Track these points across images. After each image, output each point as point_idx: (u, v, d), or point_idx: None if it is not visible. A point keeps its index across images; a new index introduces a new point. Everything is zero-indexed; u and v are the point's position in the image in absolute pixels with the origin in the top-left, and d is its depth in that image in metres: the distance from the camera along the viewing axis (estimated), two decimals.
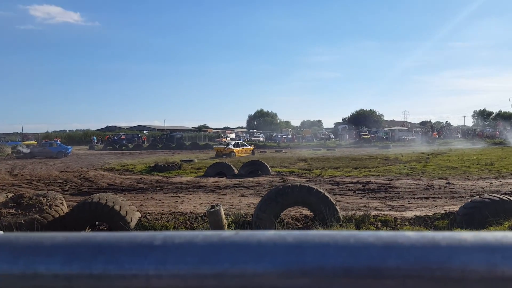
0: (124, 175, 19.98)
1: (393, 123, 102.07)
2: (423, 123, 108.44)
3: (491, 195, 6.75)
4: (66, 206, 7.89)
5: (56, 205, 7.22)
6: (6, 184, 16.56)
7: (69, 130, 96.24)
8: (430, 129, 70.93)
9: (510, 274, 0.39)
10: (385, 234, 0.41)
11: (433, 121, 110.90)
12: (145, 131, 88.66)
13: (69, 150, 36.84)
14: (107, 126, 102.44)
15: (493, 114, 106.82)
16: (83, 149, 49.96)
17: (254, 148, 36.40)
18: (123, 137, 60.29)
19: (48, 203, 7.15)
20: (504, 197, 6.52)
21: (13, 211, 6.81)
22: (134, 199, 12.44)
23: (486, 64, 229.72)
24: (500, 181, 14.62)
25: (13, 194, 8.09)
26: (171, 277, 0.40)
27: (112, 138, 61.23)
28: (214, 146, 37.93)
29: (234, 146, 33.47)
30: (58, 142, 39.69)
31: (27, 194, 7.80)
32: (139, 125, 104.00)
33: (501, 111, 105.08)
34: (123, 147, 50.40)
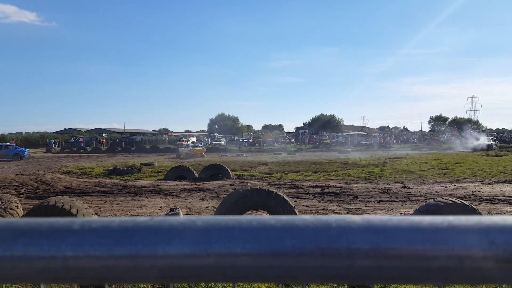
0: (82, 178, 19.39)
1: (352, 128, 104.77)
2: (382, 128, 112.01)
3: (445, 199, 7.06)
4: (21, 209, 7.59)
5: (11, 208, 6.92)
6: None
7: (25, 133, 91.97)
8: (388, 133, 73.46)
9: (391, 252, 0.46)
10: (285, 217, 0.47)
11: (391, 126, 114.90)
12: (104, 134, 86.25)
13: (25, 152, 35.35)
14: (65, 129, 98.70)
15: (449, 120, 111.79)
16: (40, 152, 47.90)
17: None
18: (81, 140, 58.49)
19: (2, 206, 6.85)
20: (458, 201, 6.83)
21: None
22: (92, 203, 12.10)
23: (442, 71, 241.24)
24: (454, 185, 15.34)
25: None
26: (88, 258, 0.43)
27: (70, 141, 59.13)
28: (180, 149, 39.44)
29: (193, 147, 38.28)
30: (14, 144, 37.82)
31: None
32: (98, 128, 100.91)
33: (456, 116, 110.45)
34: (81, 150, 48.85)
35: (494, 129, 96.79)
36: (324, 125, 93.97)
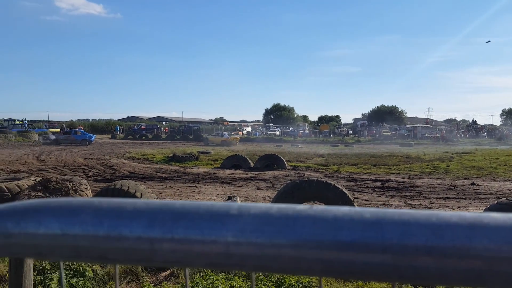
0: (144, 164, 20.28)
1: (416, 120, 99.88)
2: (448, 121, 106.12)
3: None
4: (90, 191, 8.10)
5: (81, 190, 7.40)
6: (34, 168, 17.01)
7: (92, 119, 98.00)
8: (455, 127, 69.25)
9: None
10: (469, 214, 0.42)
11: (458, 119, 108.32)
12: (163, 122, 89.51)
13: (92, 138, 37.62)
14: (128, 116, 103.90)
15: None
16: (106, 138, 50.87)
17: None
18: (143, 127, 61.18)
19: (73, 188, 7.34)
20: None
21: (41, 194, 7.02)
22: (154, 187, 12.62)
23: None
24: None
25: (41, 178, 8.33)
26: (249, 245, 0.41)
27: (133, 128, 62.13)
28: (209, 137, 42.17)
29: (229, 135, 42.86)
30: (82, 130, 40.44)
31: (54, 178, 8.01)
32: (158, 116, 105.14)
33: None
34: (143, 137, 51.16)
35: None
36: (384, 116, 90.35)
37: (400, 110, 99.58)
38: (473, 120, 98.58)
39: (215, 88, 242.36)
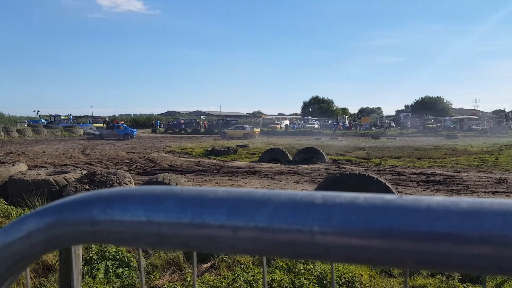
0: (184, 157, 20.71)
1: (462, 111, 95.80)
2: (496, 112, 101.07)
3: None
4: (133, 184, 8.36)
5: (125, 183, 7.66)
6: (79, 162, 17.80)
7: (134, 114, 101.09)
8: (504, 118, 65.73)
9: None
10: None
11: (507, 110, 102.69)
12: (202, 116, 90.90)
13: (134, 132, 38.83)
14: (168, 111, 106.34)
15: None
16: (147, 132, 52.39)
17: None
18: (182, 121, 62.40)
19: (118, 181, 7.60)
20: None
21: (87, 186, 7.33)
22: (194, 181, 12.87)
23: None
24: None
25: (87, 172, 8.69)
26: (336, 235, 0.40)
27: (172, 122, 63.53)
28: (227, 131, 41.43)
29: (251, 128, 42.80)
30: (124, 125, 41.80)
31: (99, 171, 8.34)
32: (197, 110, 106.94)
33: None
34: (182, 131, 52.25)
35: None
36: (429, 108, 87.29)
37: (445, 101, 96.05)
38: None
39: (253, 81, 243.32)
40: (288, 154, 18.97)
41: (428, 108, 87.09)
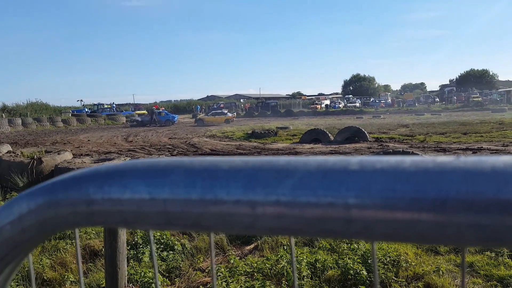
0: (225, 141, 20.90)
1: (509, 83, 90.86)
2: None
3: None
4: None
5: None
6: (123, 149, 18.39)
7: (174, 100, 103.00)
8: None
9: None
10: None
11: None
12: (241, 100, 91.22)
13: (175, 118, 39.54)
14: (207, 96, 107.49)
15: None
16: (187, 118, 53.27)
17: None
18: (222, 105, 62.86)
19: None
20: None
21: None
22: None
23: None
24: None
25: (130, 158, 8.94)
26: (377, 207, 0.33)
27: (212, 106, 64.19)
28: (205, 117, 38.45)
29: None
30: (165, 111, 42.59)
31: (142, 158, 8.56)
32: (236, 94, 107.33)
33: None
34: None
35: None
36: (474, 81, 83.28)
37: (491, 73, 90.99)
38: None
39: (292, 62, 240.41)
40: (329, 134, 18.66)
41: (473, 81, 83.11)
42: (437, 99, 65.65)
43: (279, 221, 0.35)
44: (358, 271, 4.46)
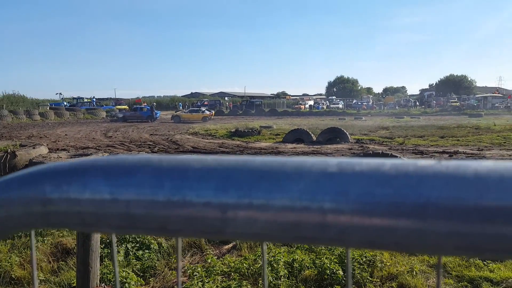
0: (207, 139, 20.77)
1: (486, 89, 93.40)
2: None
3: None
4: None
5: None
6: (102, 145, 18.07)
7: (157, 96, 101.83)
8: None
9: None
10: None
11: None
12: (226, 98, 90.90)
13: (158, 114, 39.01)
14: (192, 93, 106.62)
15: None
16: (170, 114, 52.74)
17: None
18: (206, 103, 62.40)
19: None
20: None
21: None
22: None
23: None
24: None
25: (108, 154, 8.79)
26: (354, 212, 0.31)
27: (196, 104, 63.68)
28: (182, 114, 38.34)
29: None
30: (148, 106, 42.01)
31: (121, 154, 8.41)
32: (220, 92, 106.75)
33: None
34: None
35: None
36: (453, 86, 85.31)
37: (469, 79, 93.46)
38: None
39: (278, 61, 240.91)
40: (312, 135, 18.76)
41: (452, 86, 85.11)
42: (417, 103, 66.90)
43: (251, 226, 0.33)
44: (334, 271, 4.48)
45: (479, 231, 0.28)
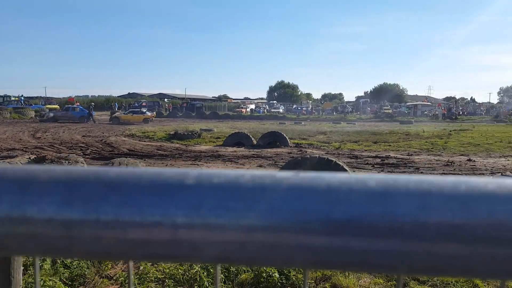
0: (145, 141, 20.19)
1: (416, 98, 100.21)
2: (448, 99, 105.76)
3: None
4: None
5: None
6: (29, 146, 16.91)
7: (92, 96, 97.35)
8: (454, 104, 69.27)
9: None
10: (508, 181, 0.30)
11: (457, 97, 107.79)
12: (166, 99, 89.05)
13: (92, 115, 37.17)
14: (129, 93, 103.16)
15: None
16: (105, 115, 50.55)
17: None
18: (144, 104, 60.46)
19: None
20: None
21: None
22: (154, 165, 12.56)
23: None
24: None
25: (35, 156, 8.24)
26: (206, 227, 0.29)
27: (133, 104, 61.58)
28: (121, 115, 37.02)
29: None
30: (80, 106, 39.94)
31: (49, 156, 7.93)
32: (160, 93, 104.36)
33: None
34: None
35: None
36: (386, 94, 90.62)
37: (401, 88, 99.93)
38: (471, 98, 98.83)
39: (220, 64, 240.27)
40: (253, 138, 18.95)
41: (385, 94, 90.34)
42: (353, 110, 69.93)
43: (99, 243, 0.30)
44: (270, 273, 4.52)
45: (326, 244, 0.28)
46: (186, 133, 21.92)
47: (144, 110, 40.55)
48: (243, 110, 61.89)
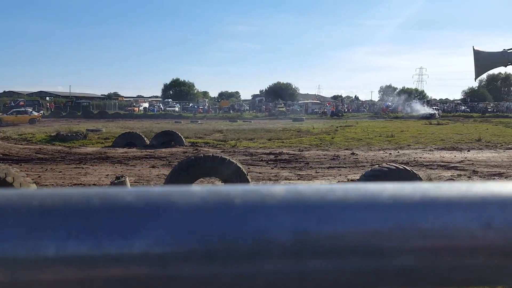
0: (21, 144, 18.28)
1: (307, 96, 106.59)
2: (335, 97, 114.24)
3: (389, 165, 7.38)
4: None
5: None
6: None
7: None
8: (340, 103, 75.49)
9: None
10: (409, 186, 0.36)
11: (344, 95, 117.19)
12: (47, 98, 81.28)
13: None
14: (4, 91, 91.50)
15: (397, 90, 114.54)
16: None
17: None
18: (21, 103, 54.18)
19: None
20: (400, 166, 7.16)
21: None
22: (32, 171, 11.46)
23: (394, 42, 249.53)
24: (398, 152, 16.15)
25: None
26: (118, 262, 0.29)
27: (9, 104, 54.93)
28: (3, 116, 35.07)
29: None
30: None
31: None
32: (40, 91, 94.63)
33: (404, 87, 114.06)
34: None
35: (438, 99, 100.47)
36: (280, 93, 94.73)
37: (294, 87, 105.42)
38: (355, 96, 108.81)
39: (109, 60, 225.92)
40: (145, 138, 18.35)
41: (279, 93, 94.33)
42: (249, 108, 71.73)
43: None
44: None
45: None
46: (70, 134, 20.45)
47: (29, 109, 36.58)
48: (135, 108, 59.41)
